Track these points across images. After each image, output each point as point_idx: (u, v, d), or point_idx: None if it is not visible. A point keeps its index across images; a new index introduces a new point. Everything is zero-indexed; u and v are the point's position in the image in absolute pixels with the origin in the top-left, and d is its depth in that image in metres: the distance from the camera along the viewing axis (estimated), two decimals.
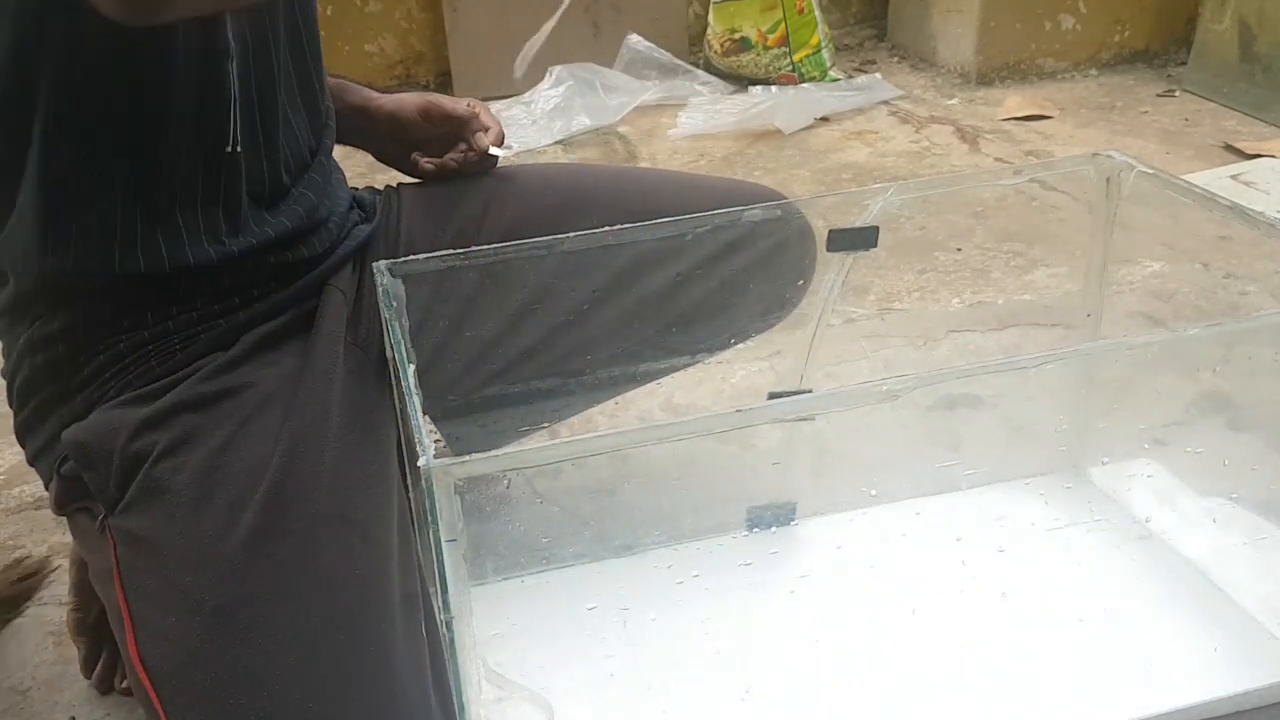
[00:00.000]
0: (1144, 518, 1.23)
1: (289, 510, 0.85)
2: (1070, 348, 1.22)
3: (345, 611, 0.85)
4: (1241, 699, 1.03)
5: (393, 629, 0.86)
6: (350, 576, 0.86)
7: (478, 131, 1.18)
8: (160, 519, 0.85)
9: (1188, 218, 1.16)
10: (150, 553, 0.85)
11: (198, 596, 0.82)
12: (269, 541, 0.84)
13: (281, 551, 0.84)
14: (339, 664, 0.83)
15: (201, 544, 0.84)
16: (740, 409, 0.85)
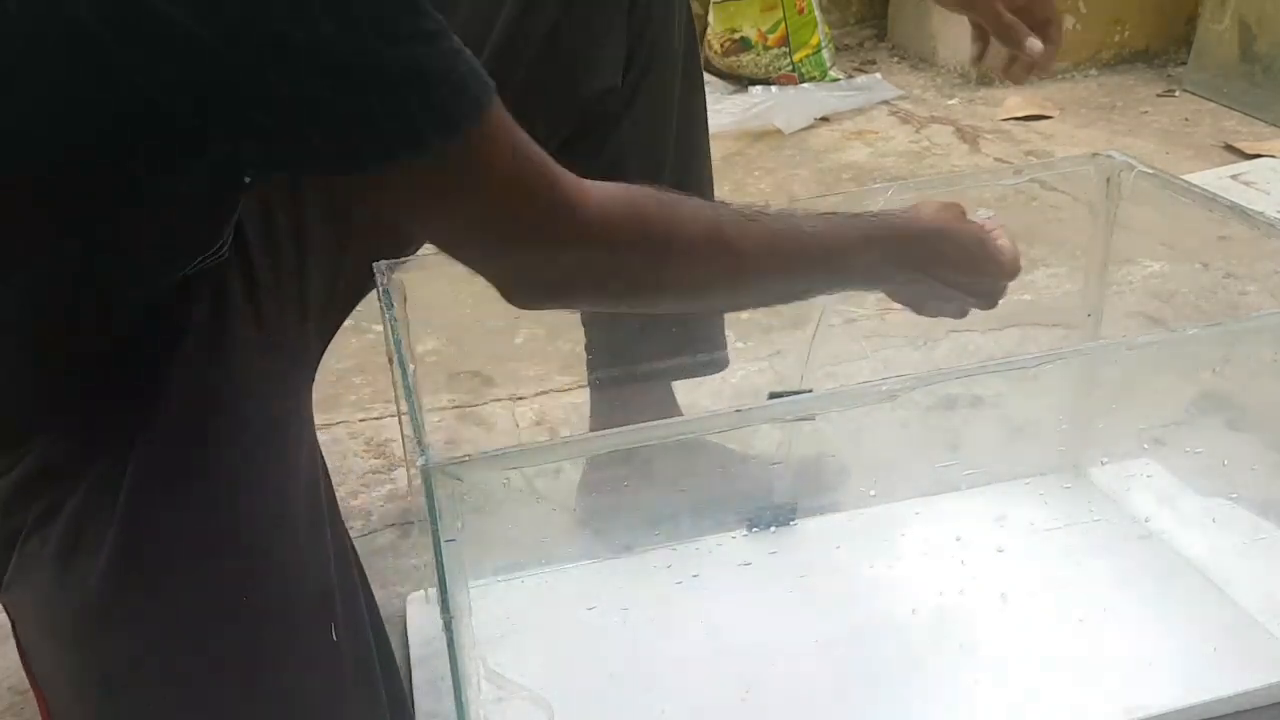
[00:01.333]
0: (1143, 518, 1.22)
1: (150, 557, 0.80)
2: (1070, 348, 1.23)
3: (236, 654, 0.80)
4: (1241, 699, 1.03)
5: (296, 657, 0.83)
6: (235, 610, 0.80)
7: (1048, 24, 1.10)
8: (35, 595, 0.81)
9: (1188, 218, 1.16)
10: (35, 630, 0.82)
11: (82, 671, 0.80)
12: (137, 598, 0.79)
13: (153, 605, 0.79)
14: (240, 712, 0.80)
15: (74, 615, 0.79)
16: (740, 409, 0.85)
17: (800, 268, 0.87)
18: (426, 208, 0.73)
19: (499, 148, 0.71)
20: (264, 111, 0.64)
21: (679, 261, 0.81)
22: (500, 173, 0.72)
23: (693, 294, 0.86)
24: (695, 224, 0.81)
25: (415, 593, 1.21)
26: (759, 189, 2.36)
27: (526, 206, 0.74)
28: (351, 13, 0.62)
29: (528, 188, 0.73)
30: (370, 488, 1.43)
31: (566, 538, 1.24)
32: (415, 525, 1.32)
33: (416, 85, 0.65)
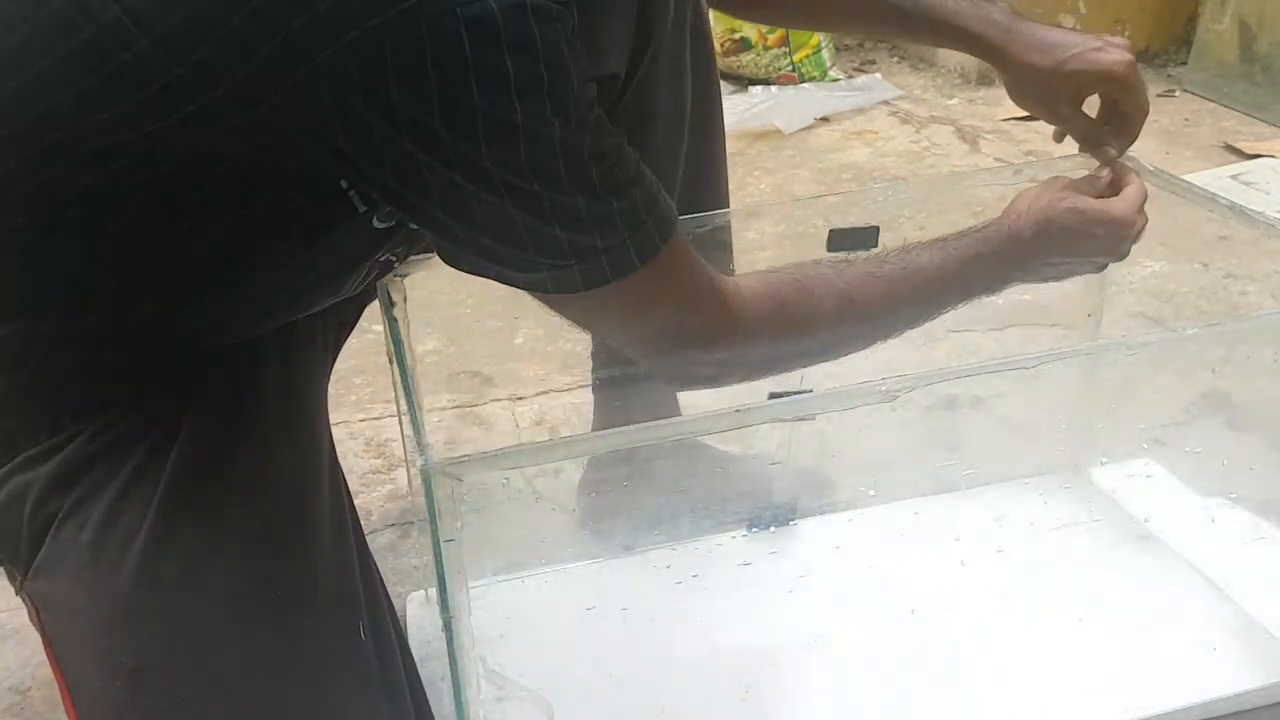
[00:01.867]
0: (1143, 517, 1.23)
1: (184, 546, 0.81)
2: (1070, 347, 1.23)
3: (267, 645, 0.81)
4: (1241, 699, 1.03)
5: (325, 650, 0.84)
6: (268, 602, 0.82)
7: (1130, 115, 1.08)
8: (68, 582, 0.82)
9: (1187, 217, 1.16)
10: (66, 618, 0.83)
11: (116, 657, 0.80)
12: (171, 587, 0.80)
13: (186, 595, 0.80)
14: (270, 703, 0.81)
15: (108, 603, 0.80)
16: (740, 408, 0.85)
17: (922, 303, 0.95)
18: (616, 318, 0.85)
19: (681, 262, 0.82)
20: (503, 242, 0.75)
21: (817, 338, 0.91)
22: (681, 285, 0.83)
23: (826, 355, 0.94)
24: (829, 300, 0.89)
25: (415, 593, 1.21)
26: (759, 189, 2.37)
27: (697, 315, 0.85)
28: (591, 179, 0.74)
29: (700, 297, 0.84)
30: (370, 488, 1.43)
31: (566, 538, 1.24)
32: (415, 525, 1.32)
33: (631, 222, 0.76)
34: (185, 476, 0.82)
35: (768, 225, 1.97)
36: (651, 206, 0.78)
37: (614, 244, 0.76)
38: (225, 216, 0.79)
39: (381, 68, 0.66)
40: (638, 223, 0.77)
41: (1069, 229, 0.96)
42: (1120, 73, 1.05)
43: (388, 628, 0.90)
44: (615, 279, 0.77)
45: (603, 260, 0.76)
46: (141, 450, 0.83)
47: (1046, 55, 1.06)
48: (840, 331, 0.92)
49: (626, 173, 0.77)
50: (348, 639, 0.85)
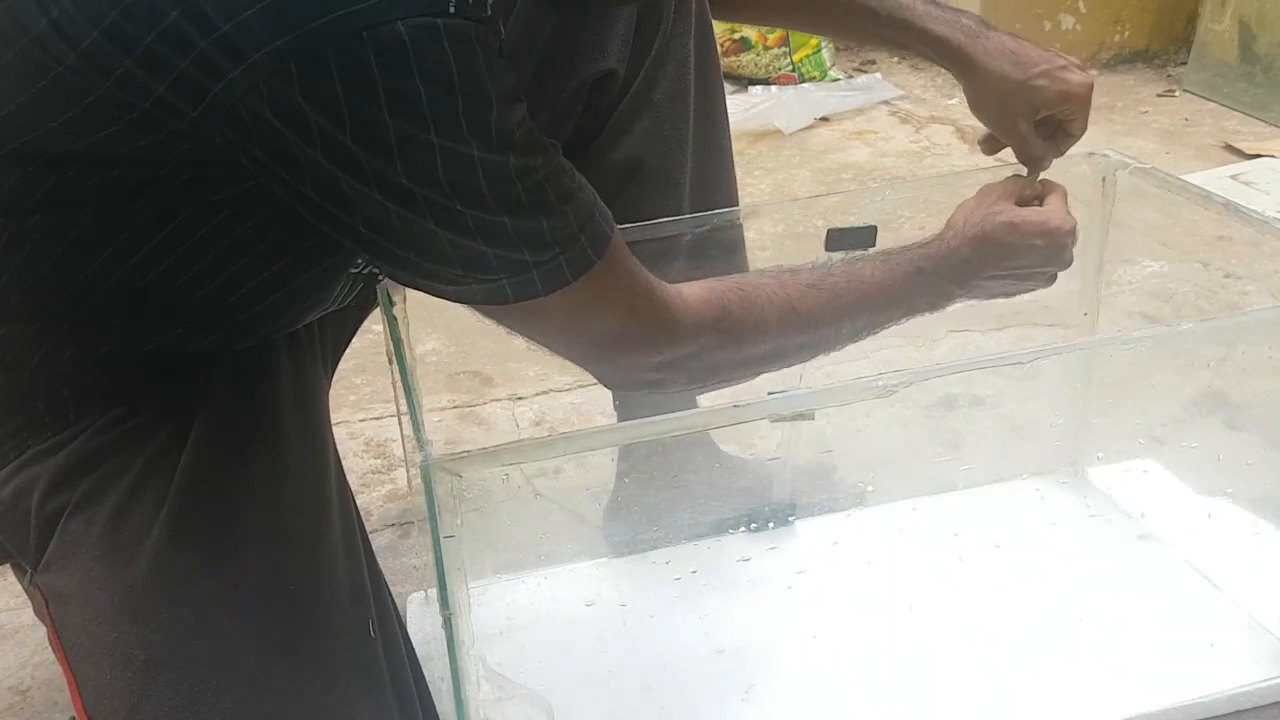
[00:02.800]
0: (1141, 515, 1.23)
1: (200, 540, 0.82)
2: (1065, 343, 1.23)
3: (281, 640, 0.82)
4: (1239, 697, 1.03)
5: (337, 645, 0.84)
6: (282, 598, 0.83)
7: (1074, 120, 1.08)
8: (79, 574, 0.82)
9: (1187, 217, 1.16)
10: (77, 610, 0.83)
11: (127, 650, 0.80)
12: (186, 580, 0.81)
13: (201, 588, 0.81)
14: (282, 697, 0.81)
15: (121, 595, 0.81)
16: (738, 404, 0.85)
17: (864, 316, 0.94)
18: (554, 328, 0.83)
19: (619, 274, 0.81)
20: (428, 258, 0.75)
21: (760, 347, 0.90)
22: (619, 296, 0.82)
23: (769, 364, 0.94)
24: (771, 308, 0.89)
25: (415, 593, 1.21)
26: (759, 189, 2.37)
27: (638, 323, 0.84)
28: (521, 200, 0.73)
29: (640, 306, 0.83)
30: (370, 488, 1.44)
31: (566, 536, 1.25)
32: (415, 525, 1.32)
33: (563, 239, 0.76)
34: (199, 473, 0.83)
35: (767, 225, 1.97)
36: (586, 222, 0.77)
37: (545, 259, 0.75)
38: (191, 229, 0.80)
39: (290, 86, 0.66)
40: (570, 238, 0.76)
41: (1007, 244, 0.97)
42: (1082, 96, 1.05)
43: (394, 627, 0.90)
44: (548, 292, 0.77)
45: (534, 275, 0.76)
46: (153, 445, 0.84)
47: (1016, 67, 1.05)
48: (783, 340, 0.91)
49: (558, 189, 0.76)
50: (359, 637, 0.86)
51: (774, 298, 0.89)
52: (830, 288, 0.92)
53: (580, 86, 1.08)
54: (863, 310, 0.94)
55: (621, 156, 1.13)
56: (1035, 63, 1.05)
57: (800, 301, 0.90)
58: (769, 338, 0.90)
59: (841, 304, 0.93)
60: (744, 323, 0.88)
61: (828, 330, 0.93)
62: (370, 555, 0.92)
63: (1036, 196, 1.01)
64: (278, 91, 0.66)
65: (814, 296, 0.91)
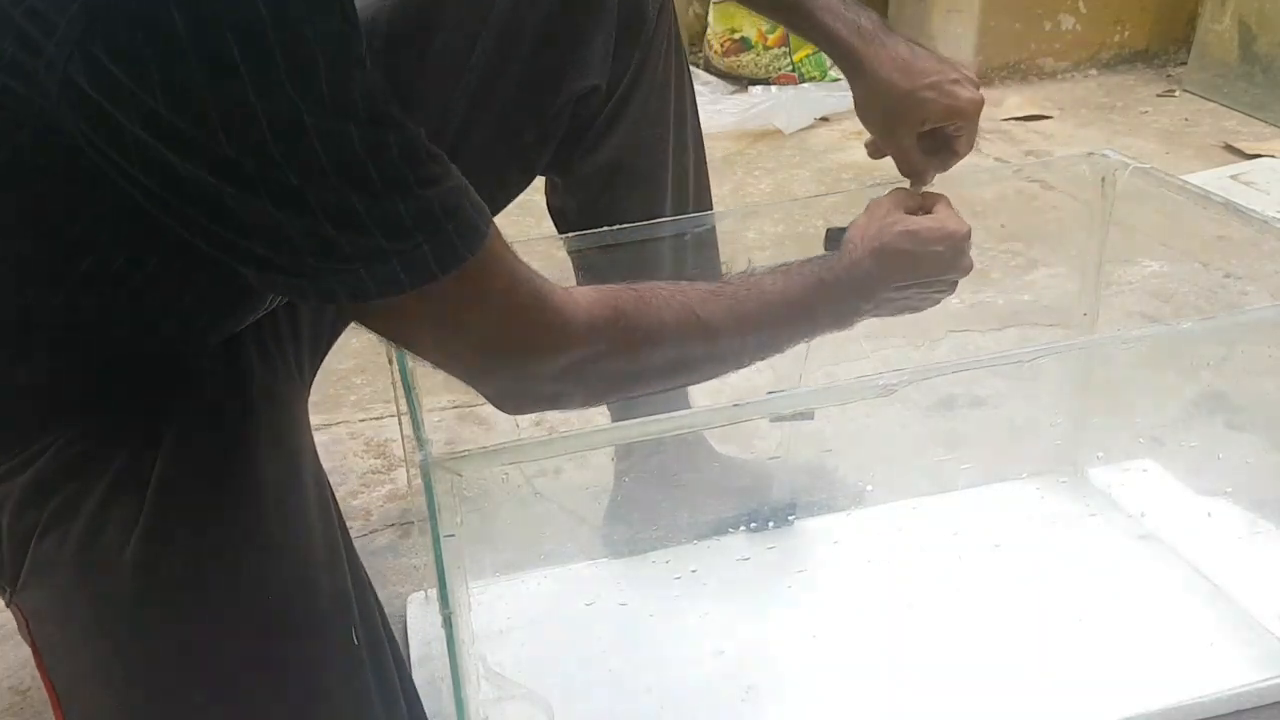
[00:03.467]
0: (1140, 514, 1.23)
1: (175, 554, 0.80)
2: (1065, 342, 1.23)
3: (262, 651, 0.81)
4: (1239, 696, 1.03)
5: (319, 654, 0.83)
6: (262, 608, 0.81)
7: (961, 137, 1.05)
8: (56, 593, 0.81)
9: (1187, 217, 1.16)
10: (57, 629, 0.82)
11: (105, 669, 0.79)
12: (163, 596, 0.79)
13: (179, 603, 0.80)
14: (265, 709, 0.80)
15: (99, 613, 0.80)
16: (737, 404, 0.85)
17: (769, 327, 0.90)
18: (427, 331, 0.77)
19: (496, 273, 0.75)
20: (277, 250, 0.68)
21: (660, 352, 0.85)
22: (497, 296, 0.75)
23: (674, 376, 0.90)
24: (669, 312, 0.84)
25: (415, 593, 1.21)
26: (759, 189, 2.37)
27: (521, 326, 0.78)
28: (367, 172, 0.66)
29: (522, 307, 0.77)
30: (370, 488, 1.43)
31: (566, 536, 1.25)
32: (415, 525, 1.32)
33: (425, 227, 0.69)
34: (170, 486, 0.81)
35: (768, 225, 1.97)
36: (453, 211, 0.70)
37: (405, 247, 0.69)
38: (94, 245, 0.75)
39: (99, 50, 0.60)
40: (434, 226, 0.69)
41: (908, 253, 0.94)
42: (969, 112, 1.04)
43: (379, 632, 0.90)
44: (414, 286, 0.70)
45: (395, 266, 0.69)
46: (120, 458, 0.82)
47: (905, 77, 1.03)
48: (685, 347, 0.86)
49: (418, 169, 0.69)
50: (342, 644, 0.84)
51: (671, 301, 0.85)
52: (730, 294, 0.88)
53: (565, 103, 1.08)
54: (766, 321, 0.90)
55: (602, 160, 1.14)
56: (925, 74, 1.03)
57: (700, 306, 0.86)
58: (669, 343, 0.85)
59: (744, 311, 0.88)
60: (640, 325, 0.83)
61: (732, 340, 0.89)
62: (354, 559, 0.91)
63: (920, 207, 0.98)
64: (90, 58, 0.60)
65: (714, 303, 0.87)
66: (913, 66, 1.03)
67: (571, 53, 1.07)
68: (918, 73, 1.03)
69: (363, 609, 0.88)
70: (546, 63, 1.06)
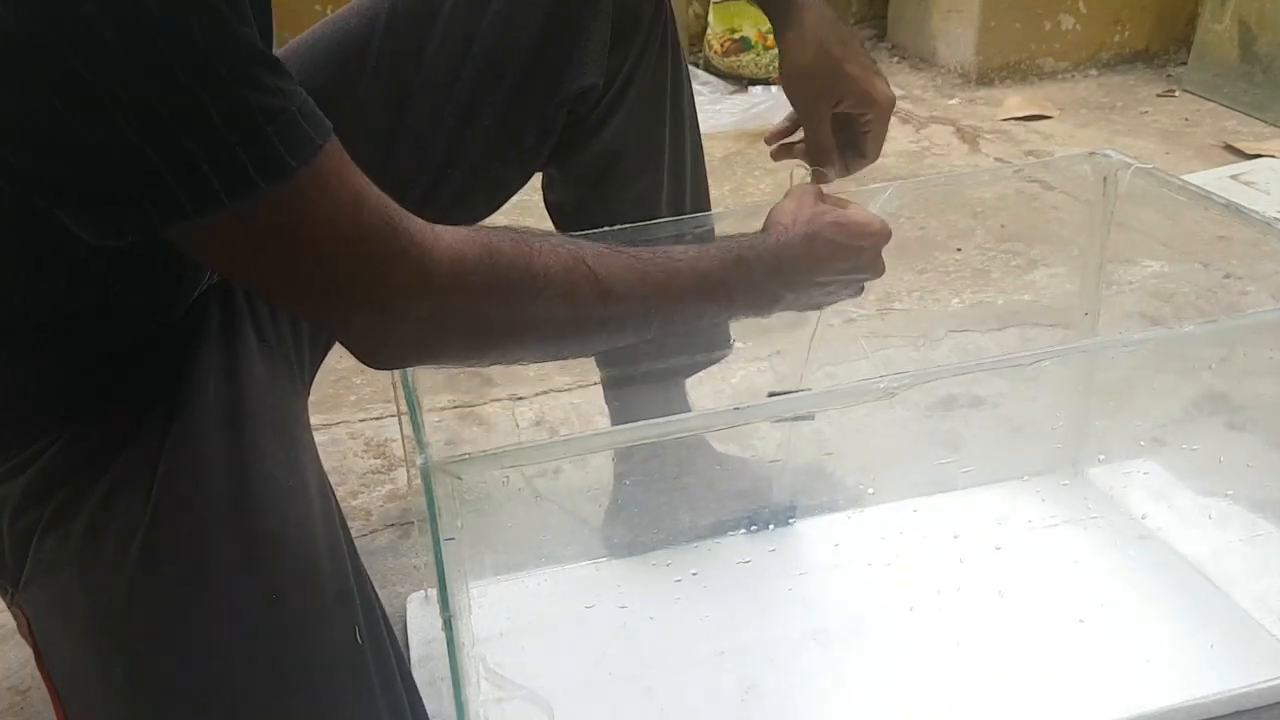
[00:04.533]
0: (1141, 516, 1.23)
1: (178, 554, 0.80)
2: (1066, 345, 1.23)
3: (265, 651, 0.80)
4: (1239, 698, 1.03)
5: (323, 654, 0.83)
6: (264, 608, 0.81)
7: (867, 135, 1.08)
8: (58, 593, 0.81)
9: (1187, 217, 1.16)
10: (59, 629, 0.82)
11: (107, 668, 0.79)
12: (166, 596, 0.79)
13: (182, 603, 0.79)
14: (268, 709, 0.80)
15: (101, 613, 0.79)
16: (738, 406, 0.85)
17: (675, 296, 0.85)
18: (265, 261, 0.69)
19: (334, 189, 0.67)
20: (75, 165, 0.61)
21: (544, 302, 0.78)
22: (338, 217, 0.67)
23: (564, 335, 0.83)
24: (556, 260, 0.78)
25: (415, 593, 1.21)
26: (759, 189, 2.37)
27: (370, 254, 0.70)
28: (165, 59, 0.58)
29: (371, 231, 0.69)
30: (370, 488, 1.44)
31: (566, 537, 1.25)
32: (415, 525, 1.32)
33: (239, 128, 0.61)
34: (173, 485, 0.81)
35: None
36: (274, 114, 0.62)
37: (218, 154, 0.61)
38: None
39: None
40: (250, 131, 0.62)
41: (836, 243, 0.93)
42: (885, 106, 1.07)
43: (382, 632, 0.90)
44: (231, 200, 0.62)
45: (208, 174, 0.61)
46: (122, 458, 0.82)
47: (838, 45, 1.03)
48: (574, 303, 0.79)
49: (232, 67, 0.61)
50: (346, 644, 0.84)
51: (558, 249, 0.78)
52: (631, 255, 0.83)
53: (562, 102, 1.09)
54: (672, 289, 0.84)
55: (598, 152, 1.14)
56: (854, 52, 1.04)
57: (594, 260, 0.79)
58: (554, 293, 0.77)
59: (645, 272, 0.82)
60: (518, 266, 0.75)
61: (630, 303, 0.82)
62: (356, 559, 0.90)
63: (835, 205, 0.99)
64: None
65: (611, 259, 0.81)
66: (844, 36, 1.04)
67: (568, 52, 1.07)
68: (848, 44, 1.04)
69: (365, 609, 0.88)
70: (543, 62, 1.06)
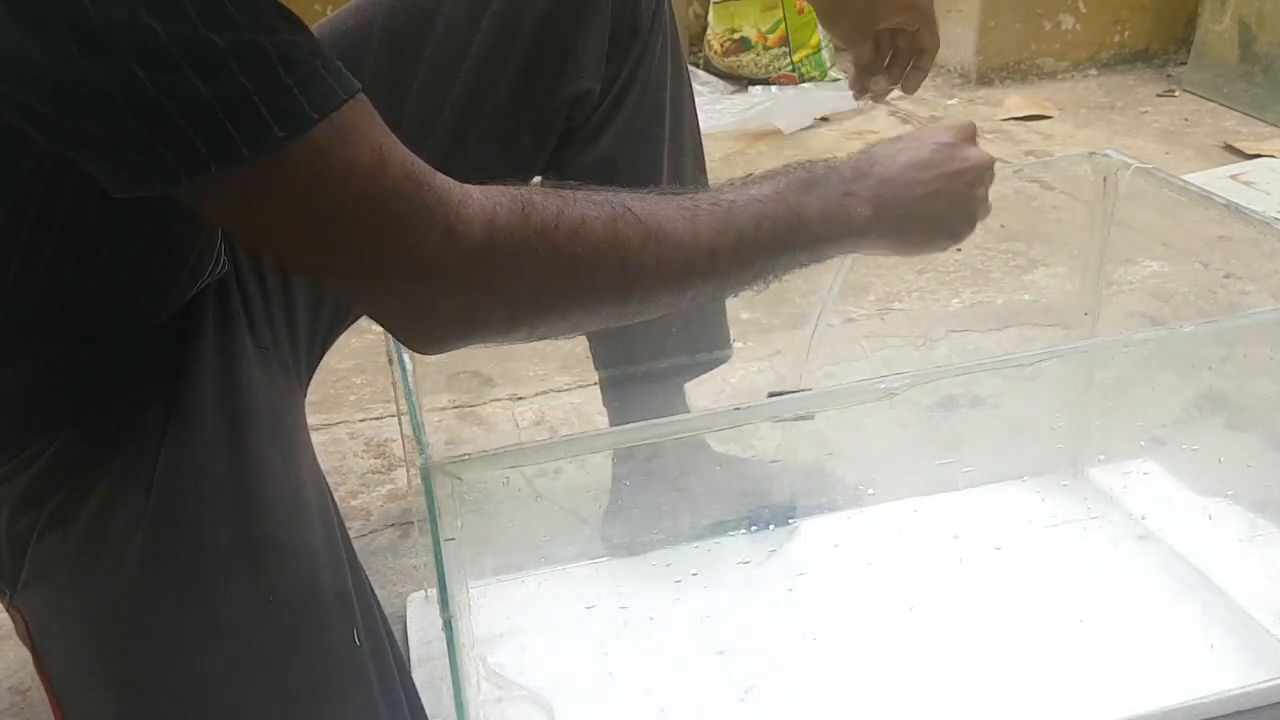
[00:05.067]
0: (1141, 516, 1.23)
1: (177, 555, 0.79)
2: (1067, 345, 1.23)
3: (264, 653, 0.80)
4: (1239, 698, 1.03)
5: (322, 656, 0.82)
6: (264, 610, 0.80)
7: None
8: (57, 594, 0.81)
9: (1187, 217, 1.16)
10: (57, 630, 0.82)
11: (108, 670, 0.79)
12: (165, 597, 0.79)
13: (181, 604, 0.79)
14: (267, 711, 0.80)
15: (100, 614, 0.79)
16: (739, 407, 0.85)
17: (738, 227, 0.77)
18: (288, 222, 0.64)
19: (355, 146, 0.63)
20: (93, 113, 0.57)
21: (593, 252, 0.71)
22: (362, 173, 0.63)
23: (624, 289, 0.75)
24: (592, 205, 0.71)
25: (415, 593, 1.21)
26: None
27: (398, 213, 0.64)
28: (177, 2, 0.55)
29: (397, 188, 0.64)
30: (370, 488, 1.44)
31: (566, 537, 1.25)
32: (415, 525, 1.32)
33: (254, 74, 0.58)
34: (172, 486, 0.81)
35: None
36: (294, 63, 0.59)
37: (233, 99, 0.57)
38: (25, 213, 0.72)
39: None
40: (268, 78, 0.58)
41: (931, 142, 0.86)
42: (927, 10, 1.13)
43: (381, 633, 0.90)
44: (253, 152, 0.58)
45: (224, 123, 0.58)
46: (121, 459, 0.81)
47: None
48: (624, 250, 0.72)
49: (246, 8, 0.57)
50: (345, 645, 0.84)
51: (594, 194, 0.72)
52: (680, 193, 0.77)
53: (560, 106, 1.08)
54: (735, 220, 0.77)
55: (597, 156, 1.13)
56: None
57: (637, 202, 0.73)
58: (601, 241, 0.71)
59: (695, 207, 0.75)
60: (552, 214, 0.69)
61: (689, 244, 0.74)
62: (354, 560, 0.90)
63: None
64: None
65: (656, 200, 0.74)
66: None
67: (565, 56, 1.07)
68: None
69: (364, 610, 0.88)
70: (540, 66, 1.06)
